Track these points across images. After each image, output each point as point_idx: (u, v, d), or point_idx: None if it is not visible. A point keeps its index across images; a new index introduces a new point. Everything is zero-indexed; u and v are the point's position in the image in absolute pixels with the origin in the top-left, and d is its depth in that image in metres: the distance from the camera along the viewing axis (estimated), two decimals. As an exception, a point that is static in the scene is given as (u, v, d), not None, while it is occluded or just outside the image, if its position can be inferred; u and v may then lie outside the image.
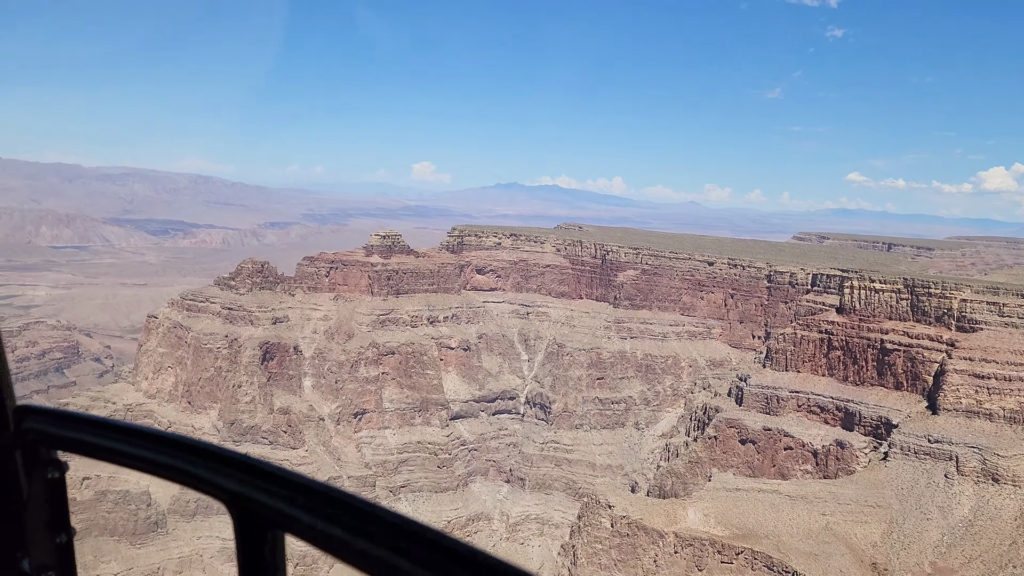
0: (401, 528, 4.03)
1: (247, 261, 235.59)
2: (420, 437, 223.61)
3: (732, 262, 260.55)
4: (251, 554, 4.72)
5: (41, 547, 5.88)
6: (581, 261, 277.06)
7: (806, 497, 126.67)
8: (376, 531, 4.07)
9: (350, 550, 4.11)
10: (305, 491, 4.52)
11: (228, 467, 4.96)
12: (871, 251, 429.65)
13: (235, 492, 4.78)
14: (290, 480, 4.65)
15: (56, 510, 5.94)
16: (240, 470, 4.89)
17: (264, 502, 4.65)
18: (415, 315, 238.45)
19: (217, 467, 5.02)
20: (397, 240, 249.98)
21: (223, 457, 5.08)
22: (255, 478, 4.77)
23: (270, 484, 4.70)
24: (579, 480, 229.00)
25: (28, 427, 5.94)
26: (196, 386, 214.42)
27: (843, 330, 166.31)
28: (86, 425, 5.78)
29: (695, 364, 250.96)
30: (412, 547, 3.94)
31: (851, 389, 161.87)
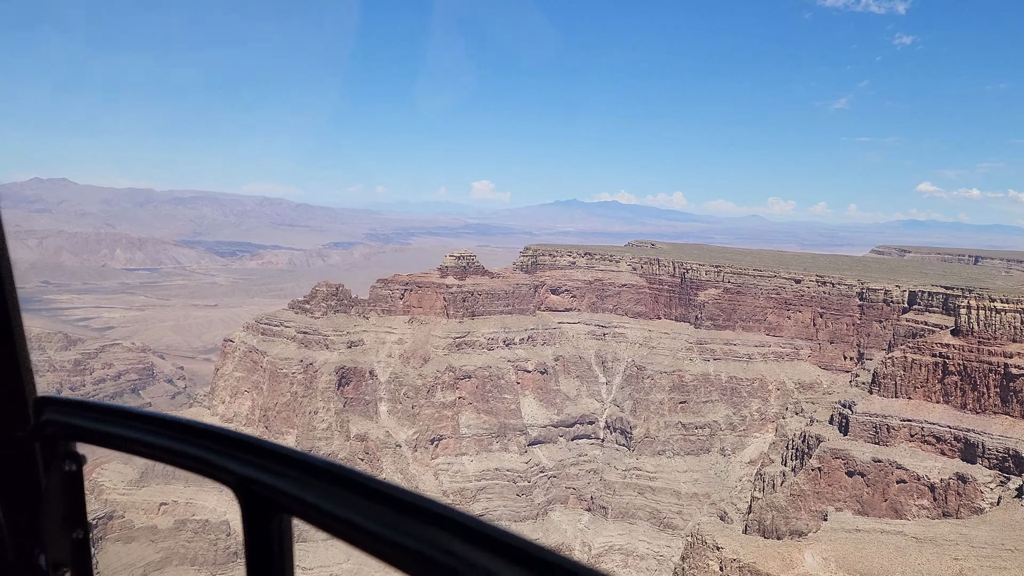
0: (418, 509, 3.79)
1: (321, 284, 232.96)
2: (498, 464, 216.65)
3: (821, 279, 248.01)
4: (258, 539, 4.56)
5: (58, 543, 5.67)
6: (659, 280, 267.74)
7: (935, 539, 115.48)
8: (391, 513, 3.86)
9: (362, 534, 3.91)
10: (313, 471, 4.35)
11: (234, 449, 4.79)
12: (957, 264, 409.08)
13: (240, 475, 4.63)
14: (297, 460, 4.49)
15: (73, 504, 5.72)
16: (245, 451, 4.72)
17: (270, 484, 4.49)
18: (491, 337, 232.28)
19: (223, 450, 4.83)
20: (472, 260, 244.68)
21: (229, 439, 4.88)
22: (260, 459, 4.62)
23: (275, 465, 4.52)
24: (664, 509, 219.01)
25: (48, 419, 5.77)
26: (272, 411, 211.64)
27: (960, 353, 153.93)
28: (103, 414, 5.62)
29: (783, 387, 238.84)
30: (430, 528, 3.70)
31: (971, 418, 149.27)
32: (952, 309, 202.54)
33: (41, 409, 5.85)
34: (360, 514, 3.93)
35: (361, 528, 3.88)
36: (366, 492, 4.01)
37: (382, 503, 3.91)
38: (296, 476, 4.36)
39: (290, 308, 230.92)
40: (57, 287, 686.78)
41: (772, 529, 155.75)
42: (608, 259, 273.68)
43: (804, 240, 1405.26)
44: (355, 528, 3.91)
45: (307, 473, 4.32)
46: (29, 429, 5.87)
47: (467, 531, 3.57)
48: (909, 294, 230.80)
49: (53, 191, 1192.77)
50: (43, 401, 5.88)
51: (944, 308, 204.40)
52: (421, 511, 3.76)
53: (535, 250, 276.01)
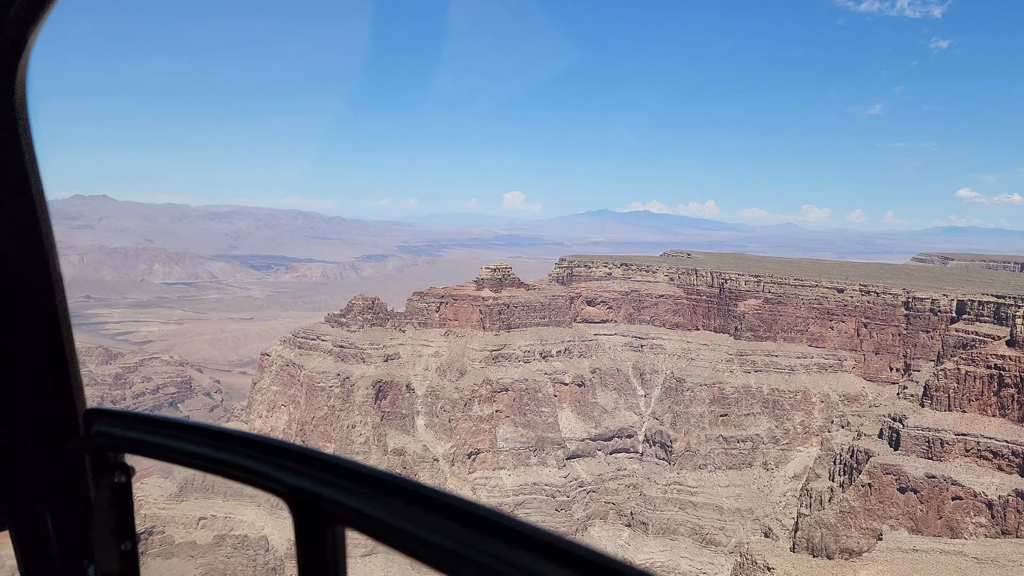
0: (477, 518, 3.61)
1: (358, 298, 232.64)
2: (536, 478, 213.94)
3: (864, 288, 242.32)
4: (312, 552, 4.46)
5: (107, 554, 5.68)
6: (696, 290, 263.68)
7: (996, 560, 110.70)
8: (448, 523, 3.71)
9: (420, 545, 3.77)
10: (367, 481, 4.23)
11: (286, 459, 4.74)
12: (1003, 272, 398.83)
13: (294, 486, 4.57)
14: (351, 470, 4.36)
15: (122, 516, 5.75)
16: (298, 462, 4.66)
17: (324, 495, 4.39)
18: (528, 350, 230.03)
19: (276, 460, 4.79)
20: (507, 273, 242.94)
21: (281, 450, 4.85)
22: (313, 469, 4.54)
23: (330, 476, 4.44)
24: (706, 525, 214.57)
25: (98, 430, 5.85)
26: (310, 425, 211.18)
27: (1016, 365, 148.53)
28: (152, 426, 5.65)
29: (827, 399, 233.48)
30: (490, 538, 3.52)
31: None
32: (1004, 319, 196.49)
33: (91, 421, 5.86)
34: (418, 524, 3.81)
35: (419, 539, 3.77)
36: (423, 501, 3.88)
37: (439, 513, 3.78)
38: (350, 486, 4.28)
39: (326, 322, 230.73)
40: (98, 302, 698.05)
41: (821, 547, 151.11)
42: (644, 270, 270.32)
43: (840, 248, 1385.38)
44: (412, 539, 3.80)
45: (361, 483, 4.23)
46: (79, 441, 5.88)
47: (534, 543, 3.40)
48: (957, 303, 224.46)
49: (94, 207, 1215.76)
50: (93, 413, 5.88)
51: (996, 318, 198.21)
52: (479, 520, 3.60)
53: (570, 261, 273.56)
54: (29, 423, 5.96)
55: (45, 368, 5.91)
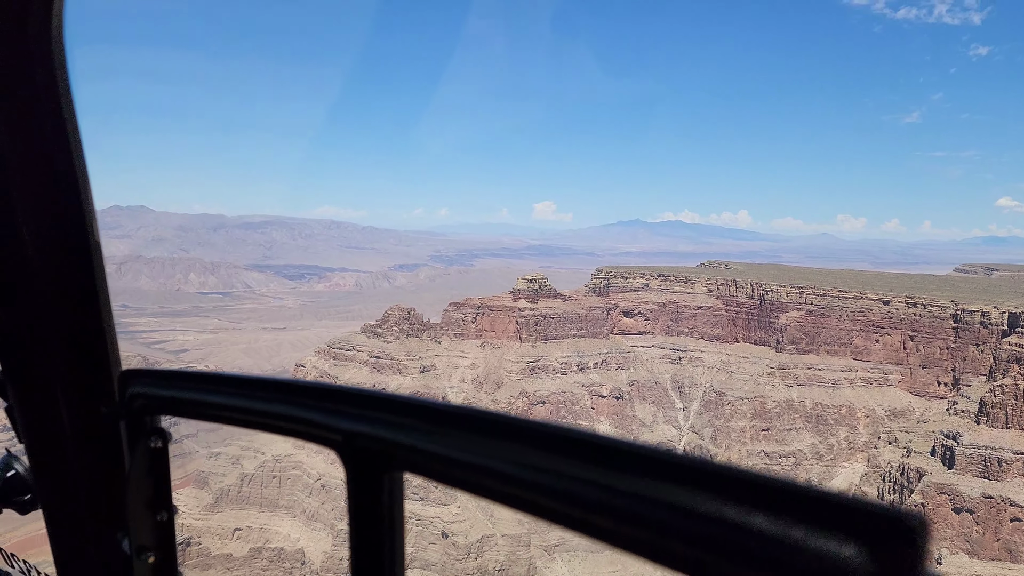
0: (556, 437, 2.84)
1: (394, 308, 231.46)
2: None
3: (911, 300, 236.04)
4: (367, 501, 3.88)
5: (142, 525, 5.23)
6: (736, 302, 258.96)
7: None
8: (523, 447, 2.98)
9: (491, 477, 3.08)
10: (429, 417, 3.57)
11: (338, 403, 4.10)
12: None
13: (347, 431, 3.99)
14: (410, 406, 3.73)
15: (158, 485, 5.27)
16: (351, 405, 4.03)
17: (381, 437, 3.79)
18: (564, 362, 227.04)
19: (326, 406, 4.15)
20: (544, 283, 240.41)
21: (332, 393, 4.18)
22: (369, 411, 3.93)
23: (387, 415, 3.84)
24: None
25: (133, 392, 5.37)
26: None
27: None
28: (189, 381, 5.18)
29: (872, 414, 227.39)
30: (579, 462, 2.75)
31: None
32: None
33: (126, 383, 5.43)
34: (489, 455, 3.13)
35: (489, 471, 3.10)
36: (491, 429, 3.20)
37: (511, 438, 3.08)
38: (411, 424, 3.67)
39: (362, 332, 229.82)
40: (135, 311, 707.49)
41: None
42: (683, 281, 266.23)
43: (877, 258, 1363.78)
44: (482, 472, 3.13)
45: (423, 419, 3.58)
46: (114, 405, 5.53)
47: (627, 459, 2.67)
48: (1009, 316, 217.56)
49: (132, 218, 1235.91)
50: (129, 374, 5.47)
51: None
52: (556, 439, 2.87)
53: (607, 272, 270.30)
54: (63, 388, 5.60)
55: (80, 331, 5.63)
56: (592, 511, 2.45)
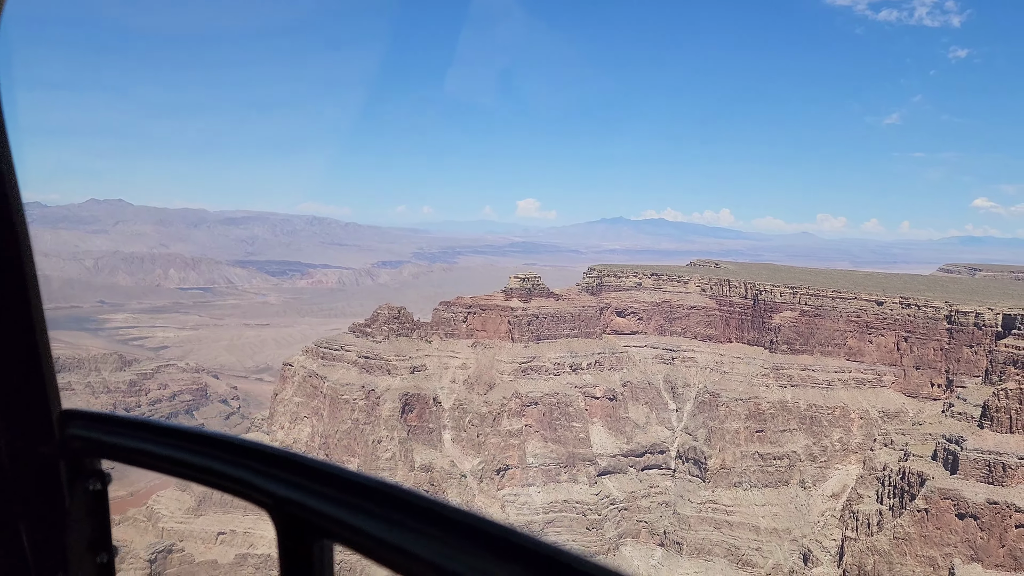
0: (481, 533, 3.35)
1: (383, 307, 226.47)
2: (567, 496, 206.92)
3: (905, 301, 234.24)
4: (296, 568, 4.23)
5: (81, 567, 5.43)
6: (729, 302, 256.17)
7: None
8: (451, 538, 3.41)
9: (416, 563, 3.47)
10: (360, 492, 3.94)
11: (272, 467, 4.48)
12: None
13: (278, 496, 4.31)
14: (341, 479, 4.10)
15: (98, 526, 5.52)
16: (284, 470, 4.40)
17: (311, 506, 4.13)
18: (557, 362, 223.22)
19: (260, 468, 4.52)
20: (536, 282, 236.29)
21: (267, 456, 4.56)
22: (301, 478, 4.28)
23: (318, 485, 4.18)
24: (742, 546, 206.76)
25: (73, 434, 5.50)
26: (333, 438, 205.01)
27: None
28: (130, 429, 5.38)
29: (867, 416, 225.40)
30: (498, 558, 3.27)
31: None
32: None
33: (66, 423, 5.48)
34: (416, 540, 3.46)
35: (415, 556, 3.42)
36: (421, 514, 3.54)
37: (440, 527, 3.45)
38: (339, 496, 3.98)
39: (350, 332, 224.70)
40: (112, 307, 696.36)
41: (874, 575, 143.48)
42: (675, 280, 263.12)
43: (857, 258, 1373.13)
44: (407, 556, 3.44)
45: (352, 493, 3.94)
46: (54, 445, 5.53)
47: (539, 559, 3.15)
48: (1004, 317, 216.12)
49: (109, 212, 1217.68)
50: (68, 415, 5.53)
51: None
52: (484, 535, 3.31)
53: (600, 271, 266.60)
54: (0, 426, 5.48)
55: (16, 367, 5.47)
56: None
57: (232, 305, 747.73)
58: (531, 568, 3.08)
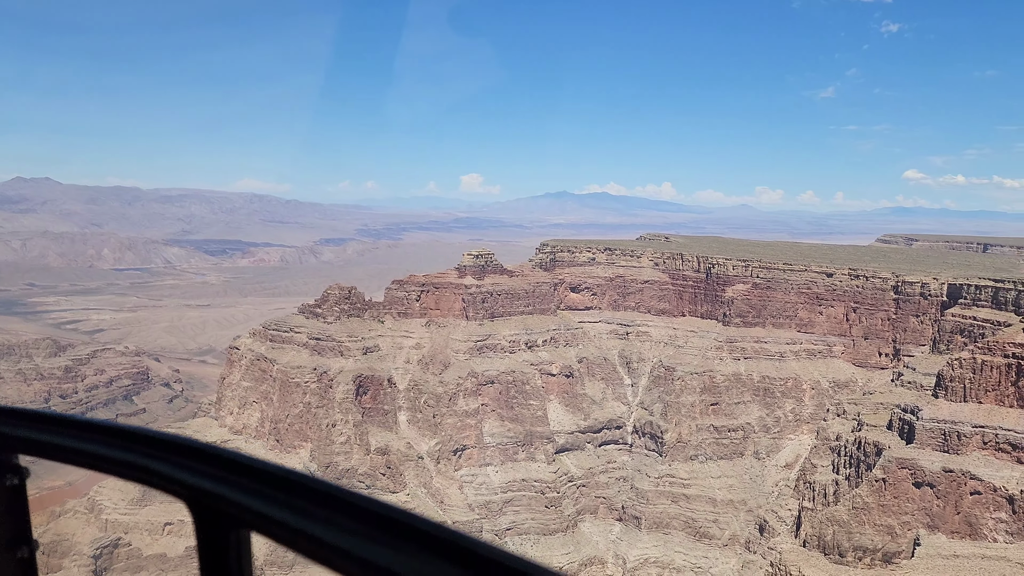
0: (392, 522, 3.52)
1: (334, 287, 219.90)
2: (525, 474, 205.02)
3: (854, 273, 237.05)
4: (214, 557, 4.32)
5: (2, 564, 5.46)
6: (682, 276, 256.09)
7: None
8: (360, 527, 3.57)
9: (329, 550, 3.59)
10: (273, 481, 4.09)
11: (186, 458, 4.56)
12: (967, 253, 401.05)
13: (193, 486, 4.40)
14: (254, 469, 4.23)
15: (17, 522, 5.53)
16: (198, 461, 4.49)
17: (226, 496, 4.22)
18: (513, 340, 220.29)
19: (175, 459, 4.61)
20: (490, 259, 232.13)
21: (181, 447, 4.66)
22: (214, 469, 4.39)
23: (233, 475, 4.28)
24: (699, 518, 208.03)
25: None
26: (284, 423, 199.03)
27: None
28: (44, 423, 5.35)
29: (818, 386, 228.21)
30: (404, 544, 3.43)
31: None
32: (1003, 303, 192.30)
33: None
34: (326, 528, 3.61)
35: (326, 543, 3.56)
36: (332, 503, 3.70)
37: (350, 516, 3.61)
38: (254, 486, 4.11)
39: (300, 312, 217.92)
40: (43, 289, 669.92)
41: (833, 545, 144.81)
42: (629, 255, 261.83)
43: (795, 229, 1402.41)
44: (319, 543, 3.58)
45: (266, 483, 4.08)
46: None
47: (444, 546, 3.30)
48: (948, 287, 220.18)
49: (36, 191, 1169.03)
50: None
51: (994, 302, 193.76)
52: (395, 524, 3.48)
53: (553, 246, 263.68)
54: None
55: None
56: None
57: (171, 286, 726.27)
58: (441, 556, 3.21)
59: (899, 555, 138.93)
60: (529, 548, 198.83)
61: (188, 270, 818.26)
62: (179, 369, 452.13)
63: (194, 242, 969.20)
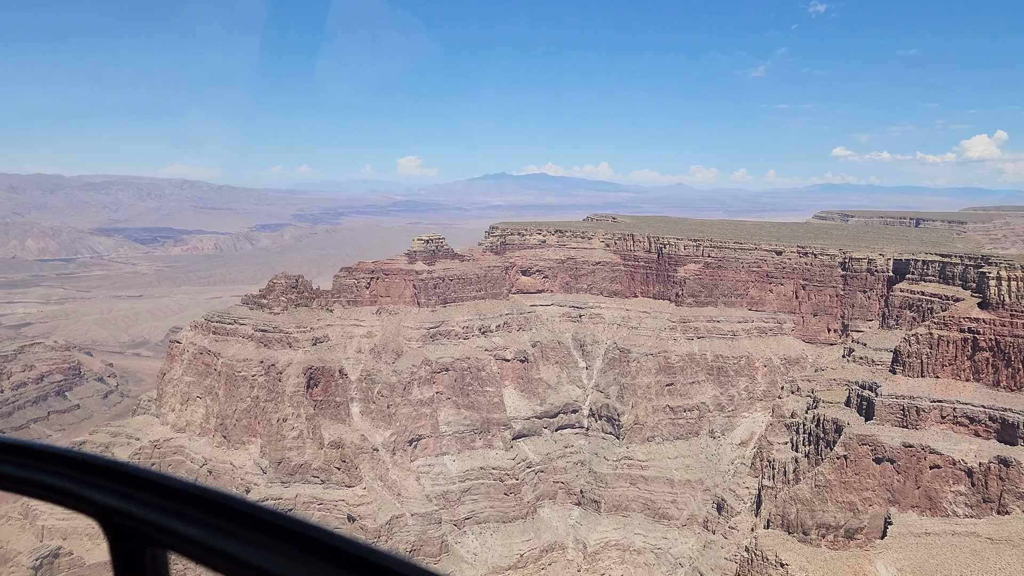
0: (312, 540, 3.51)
1: (280, 276, 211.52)
2: (483, 462, 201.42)
3: (802, 250, 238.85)
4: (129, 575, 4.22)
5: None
6: (634, 256, 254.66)
7: (1011, 539, 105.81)
8: (280, 545, 3.56)
9: (244, 568, 3.59)
10: (187, 499, 4.01)
11: (96, 476, 4.43)
12: (901, 227, 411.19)
13: (105, 505, 4.27)
14: (169, 487, 4.14)
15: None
16: (109, 478, 4.37)
17: (139, 515, 4.12)
18: (466, 326, 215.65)
19: (84, 477, 4.45)
20: (441, 244, 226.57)
21: (90, 465, 4.50)
22: (126, 486, 4.28)
23: (145, 493, 4.18)
24: (657, 499, 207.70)
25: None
26: (231, 419, 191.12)
27: (991, 328, 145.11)
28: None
29: (770, 364, 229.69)
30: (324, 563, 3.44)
31: (1006, 396, 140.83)
32: (950, 278, 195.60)
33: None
34: (242, 546, 3.58)
35: (242, 562, 3.55)
36: (248, 521, 3.67)
37: (266, 533, 3.59)
38: (168, 504, 4.02)
39: (244, 303, 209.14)
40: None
41: (797, 524, 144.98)
42: (580, 236, 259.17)
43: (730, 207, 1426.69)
44: (235, 562, 3.56)
45: (180, 501, 4.00)
46: None
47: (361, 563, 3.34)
48: (894, 262, 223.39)
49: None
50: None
51: (941, 277, 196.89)
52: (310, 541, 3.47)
53: (503, 229, 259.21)
54: None
55: None
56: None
57: (99, 276, 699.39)
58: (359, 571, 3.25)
59: (860, 531, 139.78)
60: (489, 536, 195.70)
61: (117, 260, 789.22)
62: (112, 363, 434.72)
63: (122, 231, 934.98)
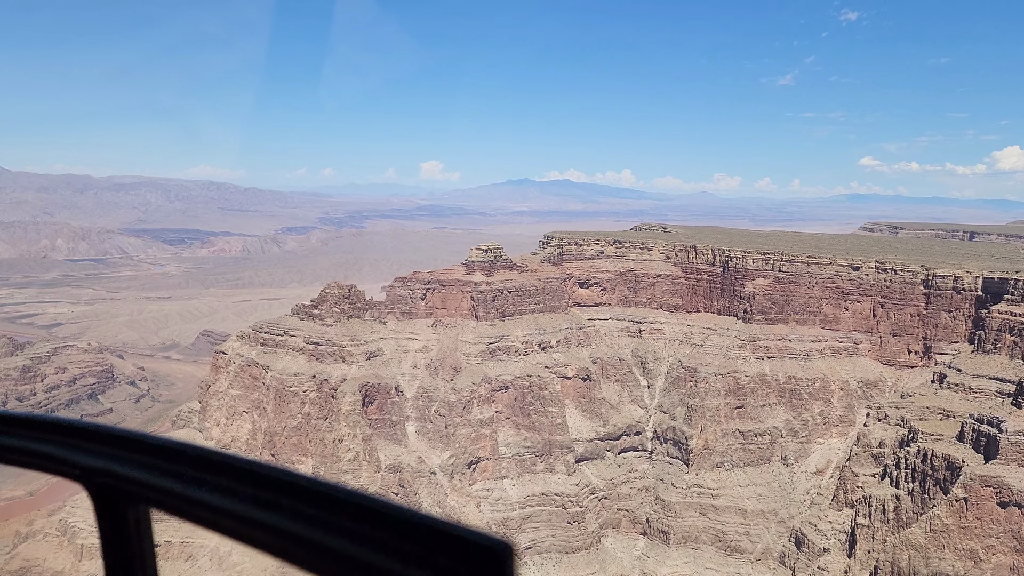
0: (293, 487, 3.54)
1: (332, 285, 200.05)
2: (544, 487, 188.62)
3: (881, 265, 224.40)
4: (114, 536, 4.33)
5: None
6: (696, 269, 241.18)
7: None
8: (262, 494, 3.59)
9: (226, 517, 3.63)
10: (166, 454, 4.12)
11: (75, 438, 4.56)
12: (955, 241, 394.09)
13: (87, 466, 4.41)
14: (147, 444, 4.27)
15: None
16: (91, 440, 4.51)
17: (121, 473, 4.25)
18: (526, 341, 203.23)
19: (64, 440, 4.61)
20: (499, 254, 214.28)
21: (72, 428, 4.64)
22: (107, 447, 4.42)
23: (125, 451, 4.32)
24: (729, 531, 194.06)
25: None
26: (280, 436, 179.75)
27: None
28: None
29: (846, 386, 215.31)
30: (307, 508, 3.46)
31: None
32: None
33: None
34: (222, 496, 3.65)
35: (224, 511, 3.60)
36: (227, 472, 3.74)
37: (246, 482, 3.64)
38: (147, 460, 4.15)
39: (294, 314, 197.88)
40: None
41: (909, 572, 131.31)
42: (639, 247, 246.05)
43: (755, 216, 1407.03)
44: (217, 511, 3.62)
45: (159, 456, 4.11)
46: None
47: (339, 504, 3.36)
48: (984, 280, 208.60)
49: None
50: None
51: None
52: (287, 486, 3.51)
53: (560, 239, 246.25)
54: None
55: None
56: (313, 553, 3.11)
57: (129, 277, 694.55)
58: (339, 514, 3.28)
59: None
60: (551, 568, 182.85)
61: (146, 260, 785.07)
62: (144, 366, 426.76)
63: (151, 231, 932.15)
